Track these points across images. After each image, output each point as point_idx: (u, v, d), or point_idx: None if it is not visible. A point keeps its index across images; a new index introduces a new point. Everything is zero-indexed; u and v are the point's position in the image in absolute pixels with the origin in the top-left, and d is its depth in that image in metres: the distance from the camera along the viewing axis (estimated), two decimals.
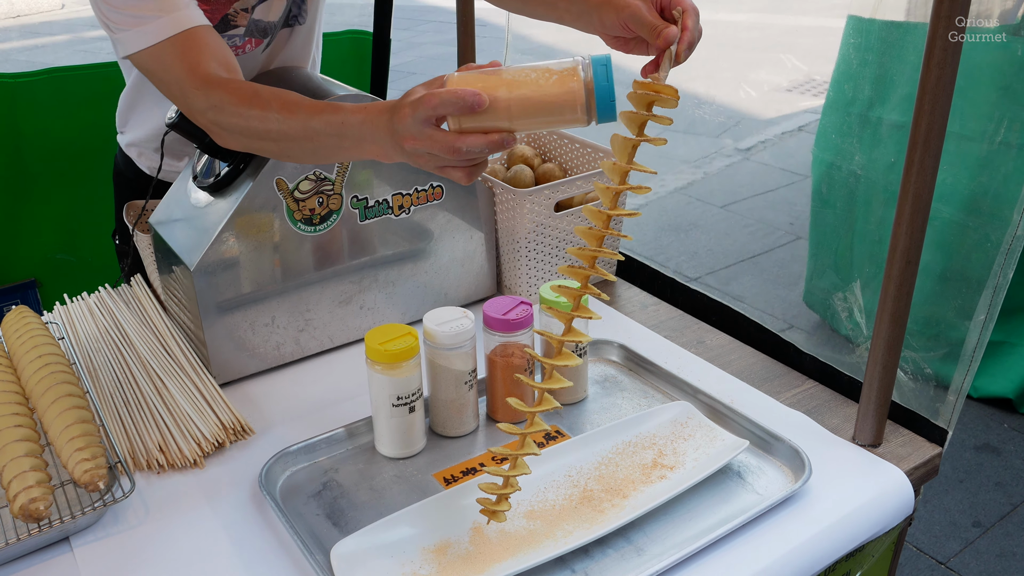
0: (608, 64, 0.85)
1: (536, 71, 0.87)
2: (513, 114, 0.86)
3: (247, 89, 1.07)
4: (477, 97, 0.85)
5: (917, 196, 0.98)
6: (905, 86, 2.76)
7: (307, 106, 1.01)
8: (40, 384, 1.11)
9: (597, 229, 0.88)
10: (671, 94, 0.87)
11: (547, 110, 0.86)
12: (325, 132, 0.99)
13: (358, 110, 0.96)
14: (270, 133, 1.04)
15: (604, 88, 0.85)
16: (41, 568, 0.98)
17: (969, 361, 1.24)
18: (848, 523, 1.01)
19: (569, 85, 0.85)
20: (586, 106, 0.86)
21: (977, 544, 2.40)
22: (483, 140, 0.87)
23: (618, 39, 1.02)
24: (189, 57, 1.09)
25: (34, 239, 2.18)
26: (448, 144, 0.87)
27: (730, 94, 5.95)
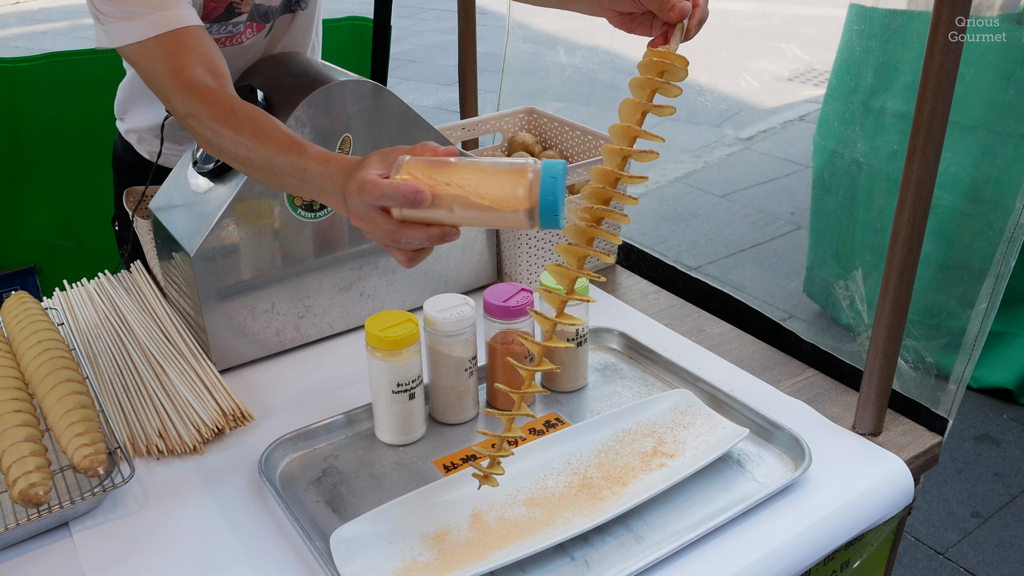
0: (558, 176, 0.83)
1: (486, 171, 0.85)
2: (456, 212, 0.85)
3: (224, 105, 1.05)
4: (419, 195, 0.83)
5: (919, 185, 0.97)
6: (907, 74, 2.75)
7: (276, 139, 1.00)
8: (40, 370, 1.11)
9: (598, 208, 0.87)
10: (682, 64, 0.87)
11: (490, 213, 0.84)
12: (288, 172, 0.98)
13: (321, 160, 0.95)
14: (238, 156, 1.04)
15: (549, 201, 0.82)
16: (40, 553, 0.98)
17: (970, 350, 1.24)
18: (848, 512, 1.01)
19: (515, 192, 0.83)
20: (528, 213, 0.84)
21: (975, 535, 2.40)
22: (423, 233, 0.86)
23: (624, 16, 1.02)
24: (175, 59, 1.09)
25: (33, 225, 2.18)
26: (389, 233, 0.87)
27: (731, 83, 5.93)
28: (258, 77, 1.35)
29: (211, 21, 1.30)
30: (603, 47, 3.33)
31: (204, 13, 1.27)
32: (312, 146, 0.97)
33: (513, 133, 1.68)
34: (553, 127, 1.64)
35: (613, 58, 3.41)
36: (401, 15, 8.84)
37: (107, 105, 1.58)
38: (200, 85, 1.07)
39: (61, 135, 2.12)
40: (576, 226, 0.88)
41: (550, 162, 0.84)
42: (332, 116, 1.23)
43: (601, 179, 0.88)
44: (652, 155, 0.87)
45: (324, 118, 1.23)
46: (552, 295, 0.90)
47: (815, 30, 6.93)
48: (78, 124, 2.12)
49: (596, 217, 0.88)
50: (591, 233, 0.88)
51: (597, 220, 0.88)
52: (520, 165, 0.84)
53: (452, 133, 1.61)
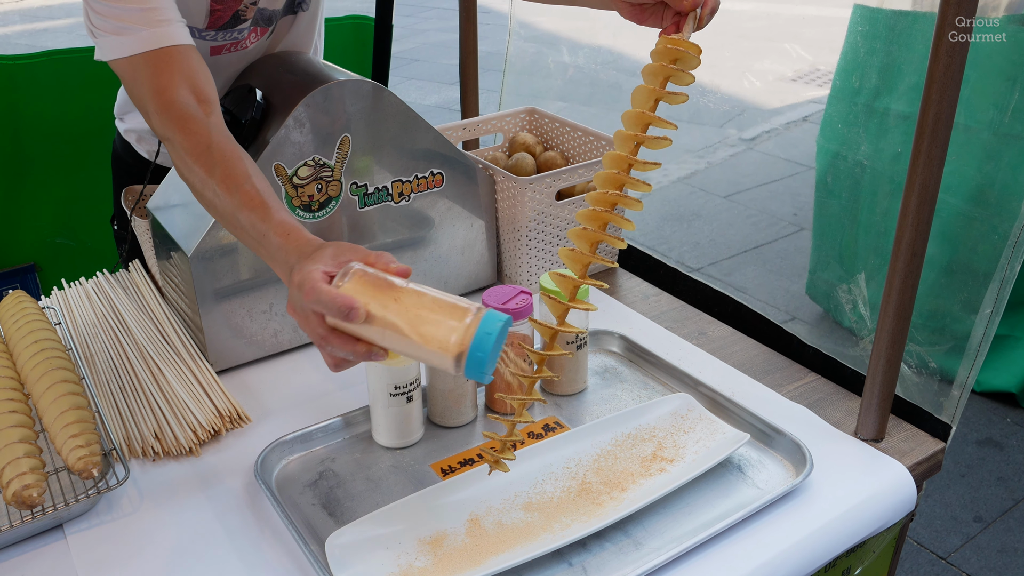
0: (494, 332, 0.81)
1: (428, 305, 0.83)
2: (386, 337, 0.84)
3: (202, 139, 1.03)
4: (353, 313, 0.82)
5: (924, 187, 0.96)
6: (912, 76, 2.73)
7: (244, 192, 0.98)
8: (35, 370, 1.10)
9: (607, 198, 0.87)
10: (695, 51, 0.86)
11: (418, 348, 0.83)
12: (247, 231, 0.97)
13: (281, 232, 0.94)
14: (204, 197, 1.03)
15: (477, 357, 0.80)
16: (34, 555, 0.97)
17: (974, 355, 1.22)
18: (849, 519, 1.00)
19: (447, 337, 0.81)
20: (455, 362, 0.82)
21: (978, 539, 2.39)
22: (350, 347, 0.85)
23: (635, 8, 1.01)
24: (159, 78, 1.07)
25: (33, 223, 2.17)
26: (317, 335, 0.86)
27: (734, 83, 5.92)
28: (257, 76, 1.34)
29: (216, 29, 1.29)
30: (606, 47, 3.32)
31: (210, 22, 1.26)
32: (277, 211, 0.96)
33: (514, 133, 1.67)
34: (554, 127, 1.63)
35: (616, 58, 3.39)
36: (403, 14, 8.83)
37: (108, 103, 1.58)
38: (181, 110, 1.05)
39: (62, 133, 2.11)
40: (582, 231, 0.88)
41: (493, 314, 0.82)
42: (331, 116, 1.22)
43: (614, 164, 0.87)
44: (665, 141, 0.86)
45: (323, 117, 1.22)
46: (554, 303, 0.89)
47: (819, 30, 6.91)
48: (79, 122, 2.12)
49: (609, 202, 0.87)
50: (596, 238, 0.88)
51: (611, 205, 0.87)
52: (462, 309, 0.82)
53: (453, 133, 1.60)
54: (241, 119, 1.23)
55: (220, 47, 1.33)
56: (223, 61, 1.36)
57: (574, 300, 0.89)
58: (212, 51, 1.33)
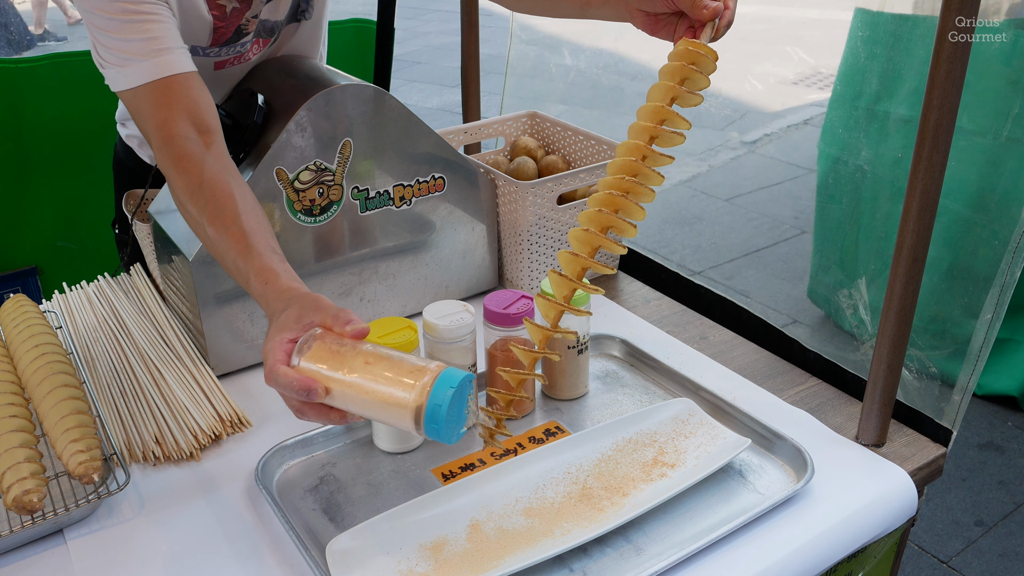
0: (455, 387, 0.81)
1: (387, 366, 0.84)
2: (348, 404, 0.86)
3: (194, 176, 1.05)
4: (312, 393, 0.84)
5: (925, 193, 0.96)
6: (913, 80, 2.73)
7: (231, 235, 1.00)
8: (36, 374, 1.10)
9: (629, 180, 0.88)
10: (713, 56, 0.90)
11: (381, 412, 0.84)
12: (234, 272, 1.00)
13: (260, 279, 0.96)
14: (196, 234, 1.07)
15: (436, 415, 0.81)
16: (34, 560, 0.97)
17: (975, 360, 1.22)
18: (850, 524, 1.00)
19: (405, 398, 0.82)
20: (415, 419, 0.82)
21: (979, 543, 2.39)
22: (323, 417, 0.88)
23: (650, 17, 1.02)
24: (160, 111, 1.08)
25: (35, 226, 2.17)
26: (292, 405, 0.88)
27: (736, 86, 5.91)
28: (259, 81, 1.34)
29: (220, 45, 1.28)
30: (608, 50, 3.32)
31: (213, 39, 1.26)
32: (260, 254, 0.98)
33: (515, 137, 1.67)
34: (556, 131, 1.63)
35: (618, 61, 3.39)
36: (405, 16, 8.83)
37: (110, 107, 1.58)
38: (179, 147, 1.06)
39: (64, 136, 2.12)
40: (581, 232, 0.88)
41: (451, 371, 0.82)
42: (333, 120, 1.23)
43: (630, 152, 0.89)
44: (679, 137, 0.88)
45: (325, 122, 1.22)
46: (549, 303, 0.89)
47: (820, 33, 6.91)
48: (81, 125, 2.12)
49: (624, 188, 0.88)
50: (594, 242, 0.88)
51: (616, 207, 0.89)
52: (420, 368, 0.83)
53: (454, 137, 1.60)
54: (242, 124, 1.23)
55: (223, 62, 1.33)
56: (226, 74, 1.36)
57: (568, 303, 0.90)
58: (216, 66, 1.33)
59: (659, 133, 0.88)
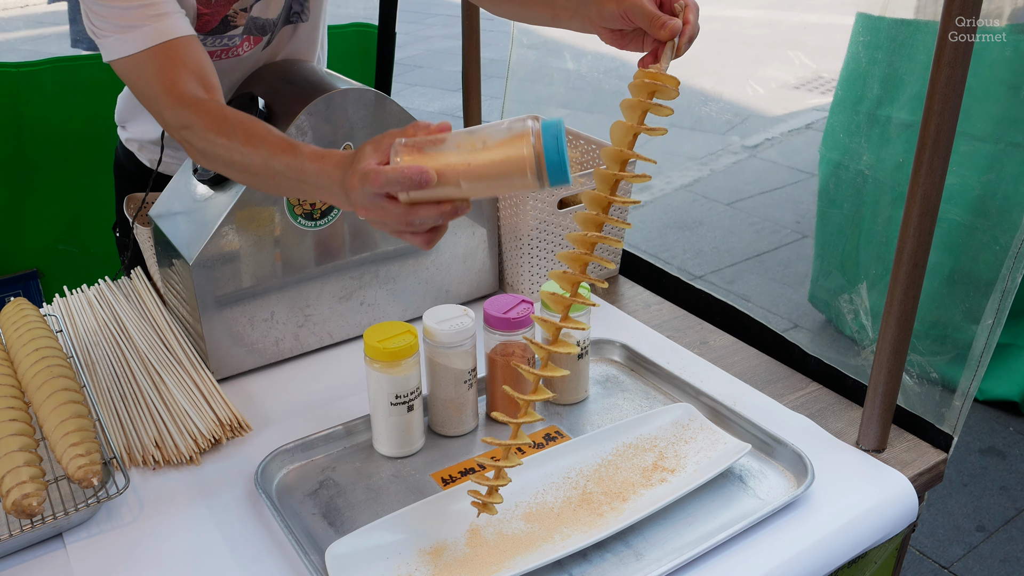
0: (559, 131, 0.82)
1: (485, 137, 0.84)
2: (463, 184, 0.85)
3: (216, 114, 1.05)
4: (424, 176, 0.83)
5: (925, 198, 0.96)
6: (914, 85, 2.73)
7: (270, 142, 0.99)
8: (36, 378, 1.10)
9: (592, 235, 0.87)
10: (673, 84, 0.86)
11: (497, 181, 0.84)
12: (284, 174, 0.98)
13: (315, 158, 0.95)
14: (234, 163, 1.03)
15: (554, 162, 0.82)
16: (33, 564, 0.97)
17: (976, 365, 1.22)
18: (851, 530, 1.00)
19: (519, 153, 0.83)
20: (536, 173, 0.83)
21: (981, 549, 2.38)
22: (435, 211, 0.86)
23: (615, 33, 1.01)
24: (166, 73, 1.08)
25: (36, 229, 2.17)
26: (400, 217, 0.86)
27: (737, 91, 5.92)
28: (259, 85, 1.34)
29: (205, 34, 1.29)
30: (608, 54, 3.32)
31: (198, 26, 1.26)
32: (305, 145, 0.97)
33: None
34: None
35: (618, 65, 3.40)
36: (407, 20, 8.84)
37: (111, 111, 1.58)
38: (192, 97, 1.07)
39: (65, 139, 2.12)
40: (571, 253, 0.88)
41: (548, 122, 0.83)
42: (333, 124, 1.23)
43: (594, 204, 0.88)
44: (644, 178, 0.86)
45: (325, 126, 1.22)
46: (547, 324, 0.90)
47: (822, 38, 6.91)
48: (82, 129, 2.12)
49: (590, 243, 0.87)
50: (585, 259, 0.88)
51: (591, 246, 0.88)
52: (519, 129, 0.83)
53: None
54: None
55: (212, 52, 1.33)
56: (217, 67, 1.36)
57: (567, 319, 0.90)
58: None
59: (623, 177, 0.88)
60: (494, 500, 0.92)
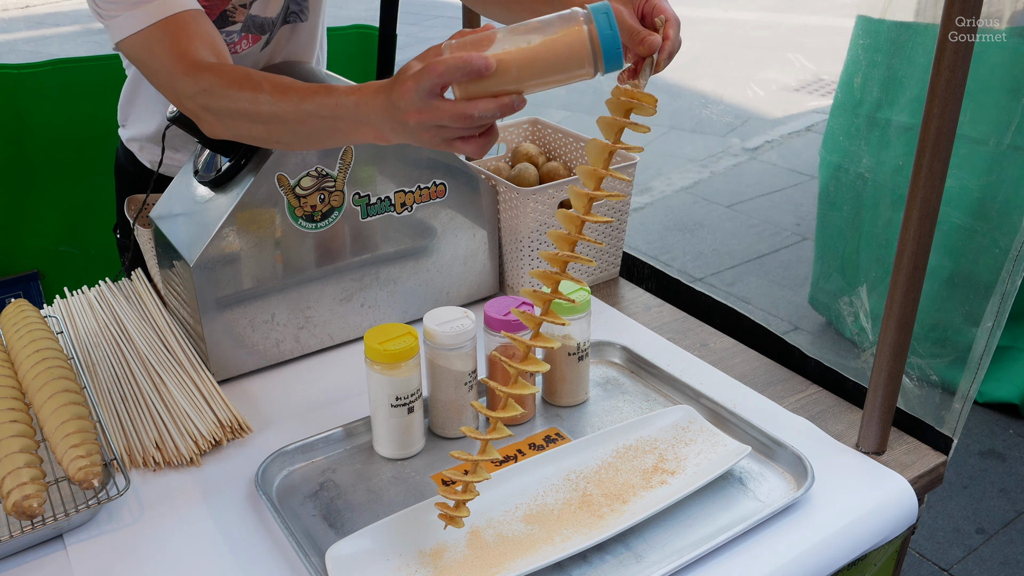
0: (609, 11, 0.83)
1: (536, 28, 0.84)
2: (521, 75, 0.84)
3: (239, 72, 1.04)
4: (485, 61, 0.82)
5: (925, 201, 0.96)
6: (914, 88, 2.74)
7: (299, 88, 0.98)
8: (37, 379, 1.10)
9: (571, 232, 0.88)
10: (650, 102, 0.86)
11: (554, 67, 0.84)
12: (318, 114, 0.96)
13: (352, 91, 0.94)
14: (261, 115, 1.01)
15: (608, 37, 0.83)
16: (34, 566, 0.97)
17: (976, 368, 1.22)
18: (851, 532, 1.00)
19: (574, 39, 0.83)
20: (592, 58, 0.84)
21: (981, 551, 2.39)
22: (494, 104, 0.84)
23: None
24: (179, 43, 1.08)
25: (37, 231, 2.17)
26: (458, 112, 0.84)
27: (737, 93, 5.92)
28: None
29: None
30: None
31: None
32: (337, 85, 0.96)
33: (517, 144, 1.67)
34: (557, 138, 1.63)
35: None
36: (408, 22, 8.85)
37: (112, 112, 1.58)
38: (207, 62, 1.07)
39: (66, 141, 2.12)
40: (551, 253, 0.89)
41: (596, 5, 0.84)
42: None
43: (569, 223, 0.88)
44: (619, 196, 0.87)
45: None
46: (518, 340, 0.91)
47: (822, 40, 6.92)
48: (83, 130, 2.12)
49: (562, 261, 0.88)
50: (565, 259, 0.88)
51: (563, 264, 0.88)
52: (568, 14, 0.84)
53: None
54: None
55: None
56: None
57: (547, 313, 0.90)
58: None
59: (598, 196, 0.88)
60: (461, 514, 0.92)
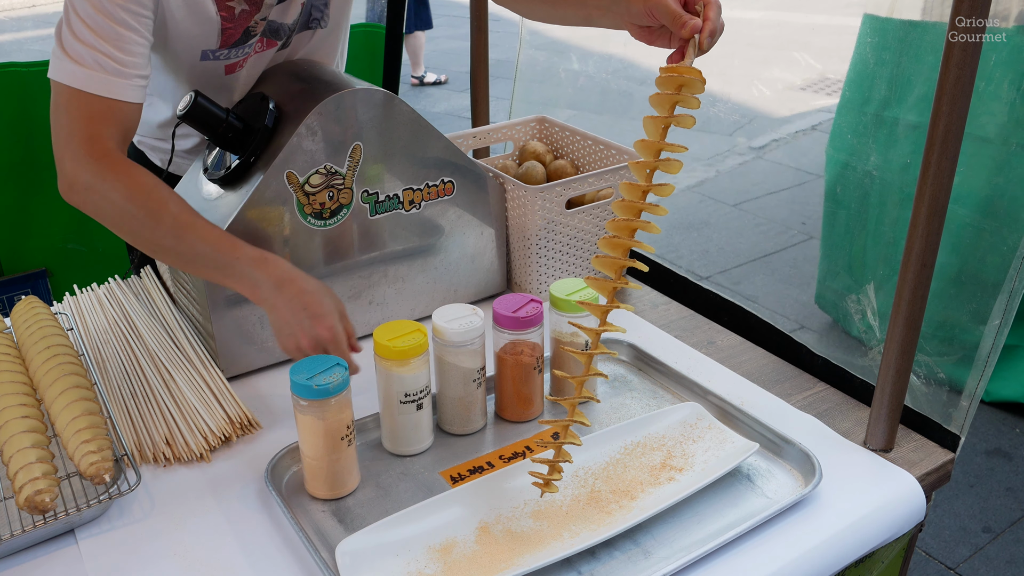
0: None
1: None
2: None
3: (142, 185, 1.16)
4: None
5: (933, 199, 0.96)
6: (921, 86, 2.73)
7: (201, 228, 1.13)
8: (48, 375, 1.11)
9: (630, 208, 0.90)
10: (696, 75, 0.90)
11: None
12: (208, 257, 1.12)
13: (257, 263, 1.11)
14: (143, 236, 1.17)
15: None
16: (46, 560, 0.98)
17: (983, 366, 1.23)
18: (858, 529, 1.00)
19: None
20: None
21: (987, 550, 2.38)
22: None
23: (643, 29, 1.05)
24: (94, 125, 1.14)
25: (45, 228, 2.18)
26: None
27: (744, 92, 5.92)
28: (270, 85, 1.35)
29: (229, 47, 1.29)
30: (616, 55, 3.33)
31: (222, 41, 1.27)
32: (240, 243, 1.13)
33: (524, 142, 1.68)
34: (564, 136, 1.64)
35: (626, 66, 3.40)
36: None
37: None
38: (117, 161, 1.16)
39: None
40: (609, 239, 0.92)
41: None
42: (343, 124, 1.23)
43: (630, 193, 0.92)
44: (677, 164, 0.90)
45: (335, 126, 1.23)
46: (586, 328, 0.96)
47: (828, 39, 6.90)
48: None
49: (630, 229, 0.92)
50: (625, 245, 0.91)
51: (631, 231, 0.92)
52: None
53: (463, 141, 1.60)
54: (254, 127, 1.24)
55: (233, 65, 1.33)
56: (235, 79, 1.36)
57: (613, 301, 0.96)
58: (227, 70, 1.34)
59: (656, 165, 0.92)
60: (555, 478, 0.96)
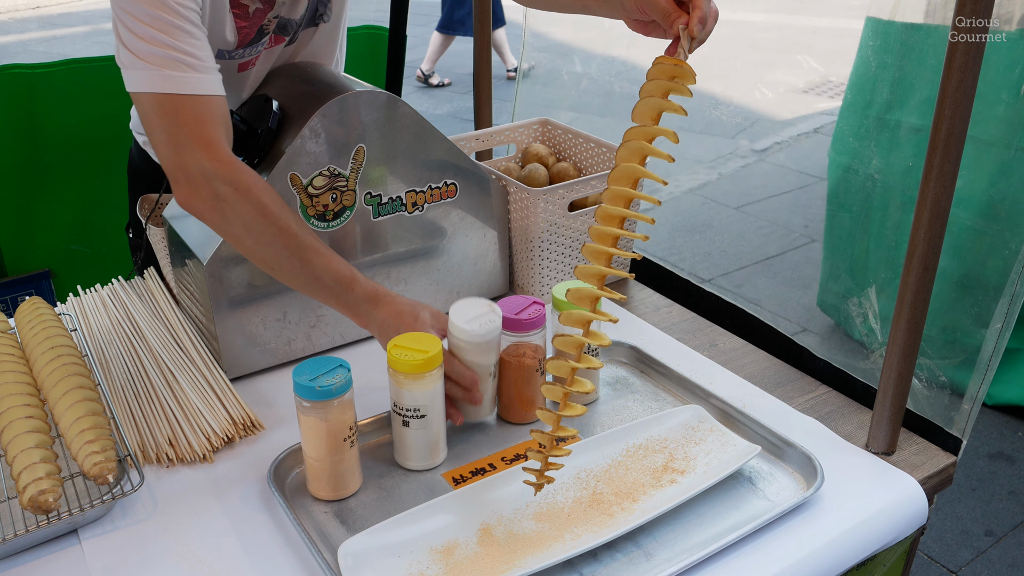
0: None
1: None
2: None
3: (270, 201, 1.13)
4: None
5: (936, 202, 0.97)
6: (924, 89, 2.73)
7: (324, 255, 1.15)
8: (52, 376, 1.11)
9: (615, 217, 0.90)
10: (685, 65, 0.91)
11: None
12: (325, 285, 1.15)
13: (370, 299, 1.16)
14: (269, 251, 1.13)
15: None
16: (49, 560, 0.98)
17: (985, 369, 1.22)
18: (860, 532, 1.00)
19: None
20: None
21: (989, 553, 2.38)
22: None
23: (638, 22, 1.08)
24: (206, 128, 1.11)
25: (49, 230, 2.19)
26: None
27: (746, 95, 5.92)
28: (274, 87, 1.35)
29: (244, 46, 1.29)
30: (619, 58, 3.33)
31: (239, 39, 1.27)
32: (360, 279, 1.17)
33: (527, 144, 1.68)
34: (567, 139, 1.64)
35: (629, 69, 3.40)
36: (417, 23, 8.85)
37: (124, 111, 1.59)
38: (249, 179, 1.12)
39: (78, 140, 2.13)
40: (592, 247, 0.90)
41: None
42: (347, 126, 1.24)
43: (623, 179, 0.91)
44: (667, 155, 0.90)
45: (338, 128, 1.23)
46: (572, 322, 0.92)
47: (831, 42, 6.91)
48: (95, 130, 2.13)
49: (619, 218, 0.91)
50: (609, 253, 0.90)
51: (620, 221, 0.91)
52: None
53: (466, 144, 1.61)
54: (257, 129, 1.24)
55: (246, 63, 1.34)
56: (246, 76, 1.37)
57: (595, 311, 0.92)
58: (239, 68, 1.34)
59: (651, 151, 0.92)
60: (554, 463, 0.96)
